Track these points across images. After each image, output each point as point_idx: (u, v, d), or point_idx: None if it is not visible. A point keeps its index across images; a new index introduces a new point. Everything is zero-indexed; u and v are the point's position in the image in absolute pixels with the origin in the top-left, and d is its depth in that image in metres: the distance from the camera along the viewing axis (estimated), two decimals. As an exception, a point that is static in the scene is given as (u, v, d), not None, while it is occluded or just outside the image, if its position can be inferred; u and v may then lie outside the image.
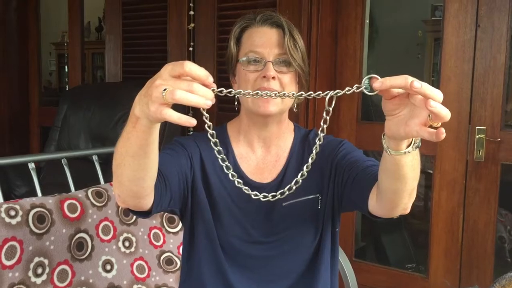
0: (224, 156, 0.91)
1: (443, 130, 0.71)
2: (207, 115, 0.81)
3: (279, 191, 0.95)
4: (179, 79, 0.71)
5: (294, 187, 0.94)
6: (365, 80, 0.74)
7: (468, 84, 2.14)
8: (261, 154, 1.18)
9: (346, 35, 2.46)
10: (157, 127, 0.80)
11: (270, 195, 0.94)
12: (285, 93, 0.82)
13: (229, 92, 0.77)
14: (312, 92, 0.79)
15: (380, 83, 0.72)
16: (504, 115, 2.11)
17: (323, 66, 2.48)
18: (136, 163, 0.85)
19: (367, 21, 2.47)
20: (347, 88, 0.76)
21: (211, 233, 1.13)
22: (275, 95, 0.81)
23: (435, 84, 2.66)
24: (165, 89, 0.70)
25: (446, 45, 2.19)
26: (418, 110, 0.72)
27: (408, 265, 2.58)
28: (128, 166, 0.86)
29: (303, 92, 0.80)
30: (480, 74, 2.12)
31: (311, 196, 1.14)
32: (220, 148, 0.89)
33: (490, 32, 2.09)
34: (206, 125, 0.83)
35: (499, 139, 2.09)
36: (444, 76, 2.20)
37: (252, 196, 0.93)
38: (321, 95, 0.78)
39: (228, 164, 0.92)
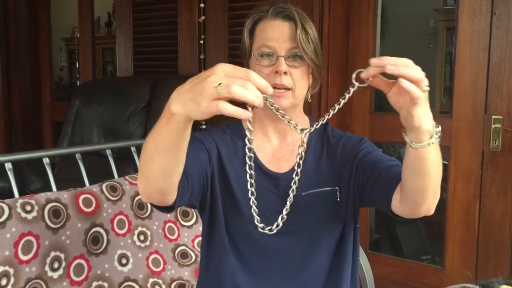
0: (252, 156, 1.00)
1: (401, 79, 0.77)
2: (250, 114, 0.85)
3: (275, 223, 1.05)
4: (234, 77, 0.73)
5: (294, 187, 1.04)
6: (354, 77, 0.84)
7: (483, 73, 2.11)
8: (277, 144, 1.18)
9: (358, 25, 2.43)
10: (190, 124, 0.81)
11: (267, 228, 1.04)
12: (318, 122, 0.93)
13: (271, 105, 0.88)
14: (336, 106, 0.90)
15: (365, 72, 0.81)
16: (520, 104, 2.08)
17: (335, 56, 2.45)
18: (168, 160, 0.86)
19: (379, 11, 2.44)
20: (344, 95, 0.87)
21: (229, 225, 1.13)
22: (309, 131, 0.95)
23: (449, 73, 2.62)
24: (219, 84, 0.71)
25: (461, 33, 2.15)
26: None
27: (423, 257, 2.56)
28: (157, 162, 0.86)
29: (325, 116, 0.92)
30: (496, 62, 2.08)
31: (329, 188, 1.14)
32: (252, 146, 0.95)
33: (505, 19, 2.05)
34: (247, 122, 0.92)
35: (515, 129, 2.06)
36: (459, 65, 2.17)
37: (260, 228, 1.04)
38: (332, 112, 0.90)
39: (252, 164, 1.01)
